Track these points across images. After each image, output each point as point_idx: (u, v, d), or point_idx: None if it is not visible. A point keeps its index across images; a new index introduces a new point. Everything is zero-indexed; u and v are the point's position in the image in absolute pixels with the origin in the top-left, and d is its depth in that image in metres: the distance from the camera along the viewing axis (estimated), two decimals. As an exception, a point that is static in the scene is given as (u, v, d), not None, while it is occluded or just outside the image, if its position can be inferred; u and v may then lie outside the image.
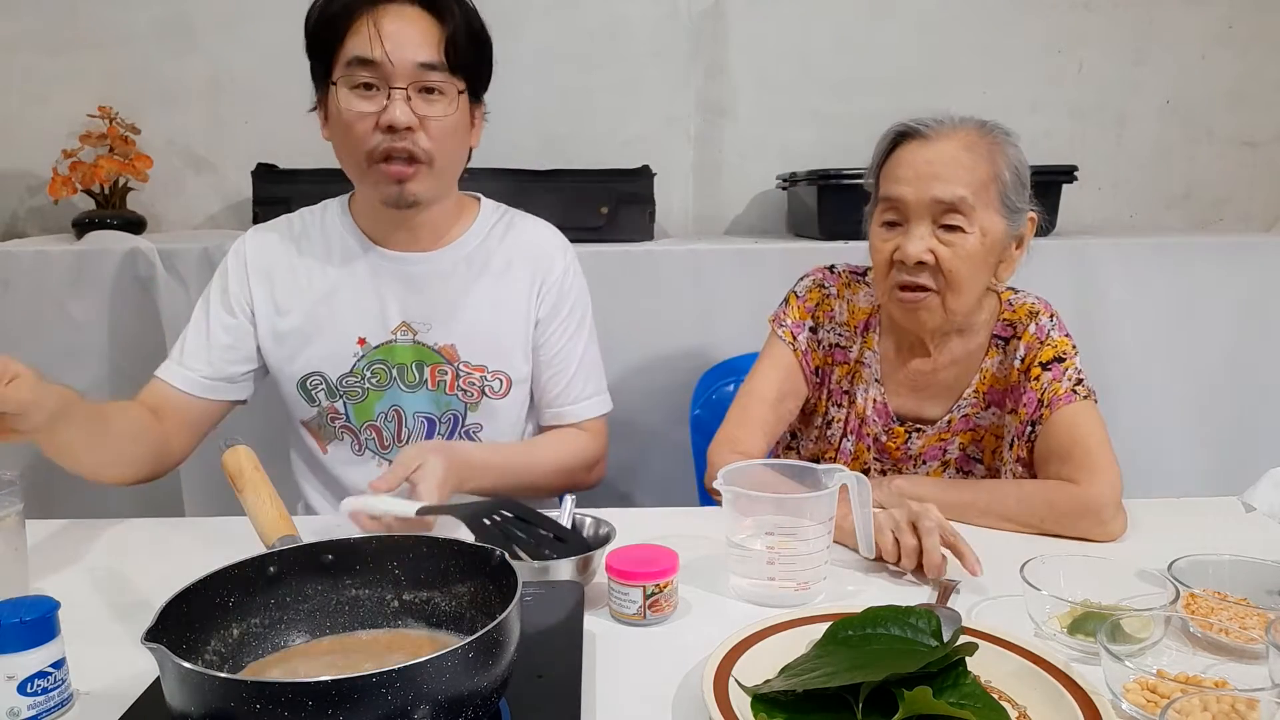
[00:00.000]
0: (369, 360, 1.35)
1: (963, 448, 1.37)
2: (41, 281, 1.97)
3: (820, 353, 1.41)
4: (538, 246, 1.41)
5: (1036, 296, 1.35)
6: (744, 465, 1.04)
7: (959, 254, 1.21)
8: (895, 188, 1.23)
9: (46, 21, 2.30)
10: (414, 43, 1.22)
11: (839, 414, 1.41)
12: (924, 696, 0.69)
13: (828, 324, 1.41)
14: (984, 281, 1.26)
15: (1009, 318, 1.33)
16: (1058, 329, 1.31)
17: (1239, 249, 2.18)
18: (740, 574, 0.99)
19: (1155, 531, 1.17)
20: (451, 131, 1.26)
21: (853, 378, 1.40)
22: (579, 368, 1.41)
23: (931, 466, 1.38)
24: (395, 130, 1.21)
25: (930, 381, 1.36)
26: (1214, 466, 2.19)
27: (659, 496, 2.06)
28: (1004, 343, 1.33)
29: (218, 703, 0.59)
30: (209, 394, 1.32)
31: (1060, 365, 1.27)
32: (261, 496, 0.83)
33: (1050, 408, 1.24)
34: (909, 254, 1.21)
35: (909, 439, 1.37)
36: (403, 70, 1.21)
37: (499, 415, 1.38)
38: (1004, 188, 1.22)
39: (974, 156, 1.21)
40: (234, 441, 0.88)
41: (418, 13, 1.23)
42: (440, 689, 0.62)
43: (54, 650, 0.75)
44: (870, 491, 1.01)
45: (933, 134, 1.23)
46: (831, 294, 1.42)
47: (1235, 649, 0.85)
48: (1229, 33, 2.49)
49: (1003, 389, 1.33)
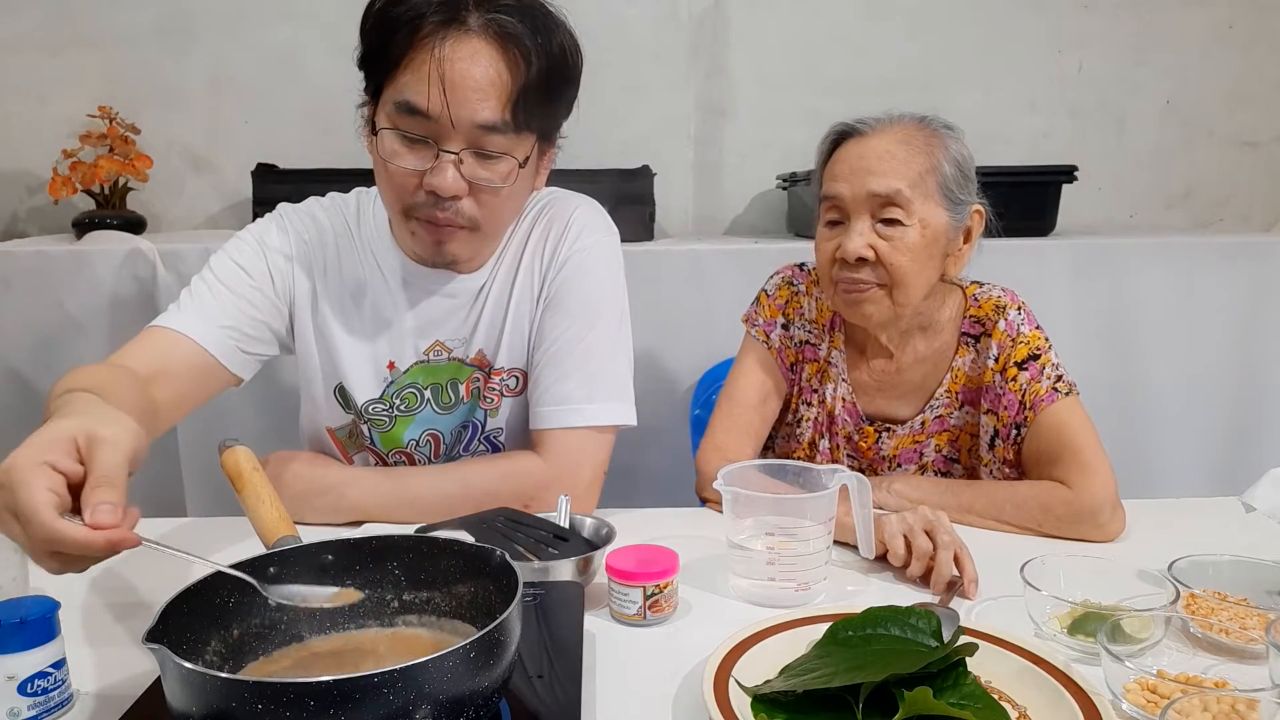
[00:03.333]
0: (398, 387, 1.25)
1: (939, 449, 1.36)
2: (41, 281, 1.96)
3: (793, 349, 1.41)
4: (557, 224, 1.26)
5: (1002, 289, 1.34)
6: (743, 465, 1.04)
7: (899, 247, 1.20)
8: (833, 186, 1.24)
9: (46, 21, 2.30)
10: (478, 96, 1.03)
11: (809, 412, 1.41)
12: (924, 697, 0.69)
13: (798, 320, 1.41)
14: (930, 276, 1.25)
15: (976, 314, 1.32)
16: (1027, 322, 1.29)
17: (1239, 249, 2.17)
18: (740, 574, 0.99)
19: (1155, 531, 1.17)
20: (507, 198, 1.12)
21: (821, 376, 1.40)
22: (575, 365, 1.21)
23: (908, 469, 1.37)
24: (441, 197, 1.08)
25: (896, 381, 1.36)
26: (1214, 466, 2.19)
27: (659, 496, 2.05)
28: (974, 340, 1.32)
29: (220, 703, 0.59)
30: (225, 357, 1.16)
31: (1037, 363, 1.26)
32: (261, 497, 0.83)
33: (1034, 410, 1.24)
34: (848, 250, 1.21)
35: (879, 439, 1.37)
36: (460, 130, 1.04)
37: (516, 415, 1.28)
38: (944, 179, 1.21)
39: (910, 149, 1.21)
40: (233, 442, 0.88)
41: (493, 51, 1.04)
42: (442, 689, 0.62)
43: (54, 650, 0.75)
44: (870, 492, 1.01)
45: (870, 131, 1.24)
46: (800, 291, 1.41)
47: (1235, 649, 0.85)
48: (1229, 33, 2.49)
49: (976, 388, 1.32)
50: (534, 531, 1.01)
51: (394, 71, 1.05)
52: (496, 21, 1.04)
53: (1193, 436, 2.19)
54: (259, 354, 1.22)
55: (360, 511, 1.17)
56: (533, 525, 1.03)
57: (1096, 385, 2.31)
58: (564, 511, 1.06)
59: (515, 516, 1.04)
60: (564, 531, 1.03)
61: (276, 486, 0.88)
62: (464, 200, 1.09)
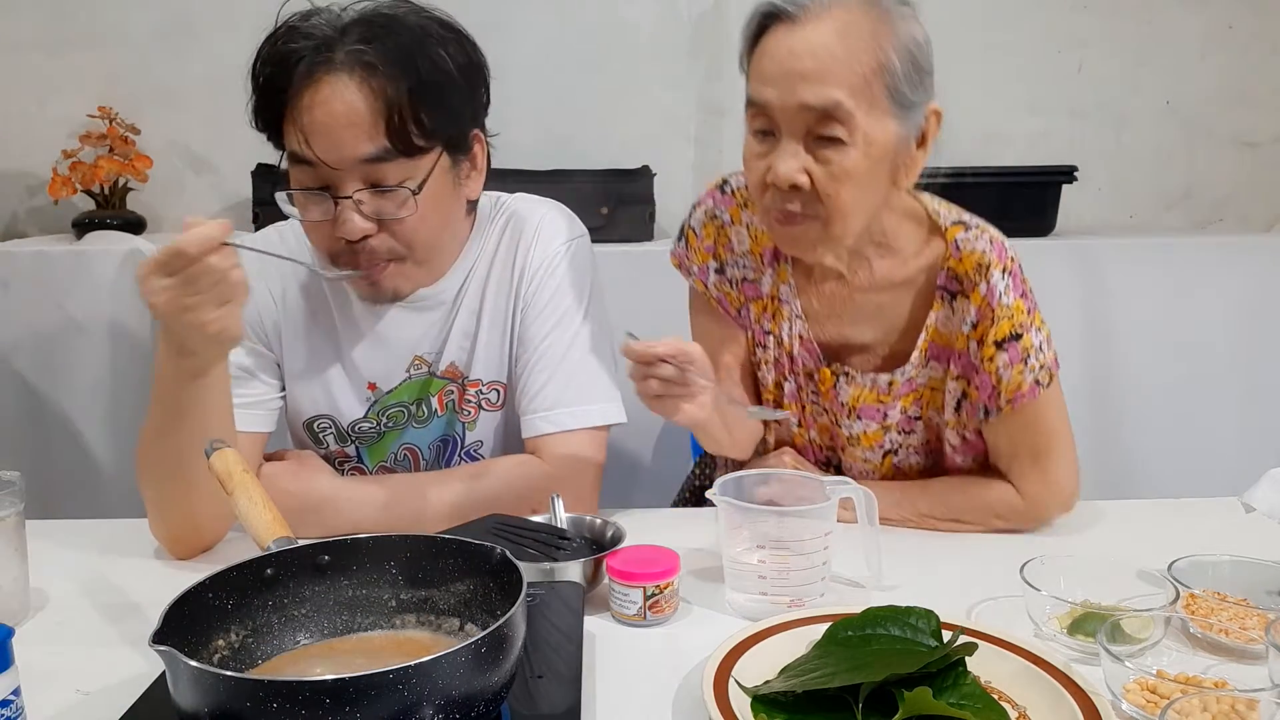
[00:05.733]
0: (382, 406, 1.24)
1: (904, 410, 1.23)
2: (41, 281, 1.97)
3: (734, 292, 1.25)
4: (526, 230, 1.24)
5: (990, 238, 1.14)
6: (741, 475, 1.01)
7: (836, 173, 1.02)
8: (760, 89, 1.03)
9: (46, 21, 2.30)
10: (353, 133, 1.02)
11: (766, 355, 1.26)
12: (924, 697, 0.69)
13: (730, 259, 1.24)
14: (875, 199, 1.08)
15: (955, 269, 1.14)
16: (1012, 289, 1.12)
17: (1239, 249, 2.18)
18: (734, 588, 0.97)
19: (1155, 531, 1.17)
20: (422, 221, 1.09)
21: (772, 315, 1.24)
22: (560, 369, 1.20)
23: (869, 426, 1.24)
24: (352, 241, 1.06)
25: (850, 306, 1.20)
26: (1214, 466, 2.19)
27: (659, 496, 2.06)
28: (950, 297, 1.16)
29: (233, 703, 0.60)
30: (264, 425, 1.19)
31: (1018, 345, 1.11)
32: (253, 499, 0.82)
33: (1012, 404, 1.13)
34: (779, 176, 1.03)
35: (837, 384, 1.23)
36: (346, 171, 1.03)
37: (498, 429, 1.27)
38: (894, 80, 1.01)
39: (851, 44, 0.99)
40: (220, 444, 0.87)
41: (355, 85, 1.02)
42: (455, 685, 0.63)
43: (9, 680, 0.69)
44: (877, 508, 0.96)
45: (803, 15, 1.01)
46: (727, 222, 1.23)
47: (1235, 649, 0.85)
48: (1229, 33, 2.49)
49: (945, 345, 1.18)
50: (535, 534, 1.01)
51: (281, 127, 1.07)
52: (356, 53, 1.03)
53: (1192, 436, 2.19)
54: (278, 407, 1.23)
55: (354, 527, 1.10)
56: (530, 528, 1.02)
57: (1096, 385, 2.31)
58: (558, 511, 1.05)
59: (509, 521, 1.03)
60: (564, 531, 1.03)
61: None
62: (376, 238, 1.08)
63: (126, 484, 1.05)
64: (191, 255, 0.87)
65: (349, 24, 1.06)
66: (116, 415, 2.03)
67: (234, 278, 0.90)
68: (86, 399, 2.02)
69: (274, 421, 1.22)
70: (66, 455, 2.04)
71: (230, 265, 0.90)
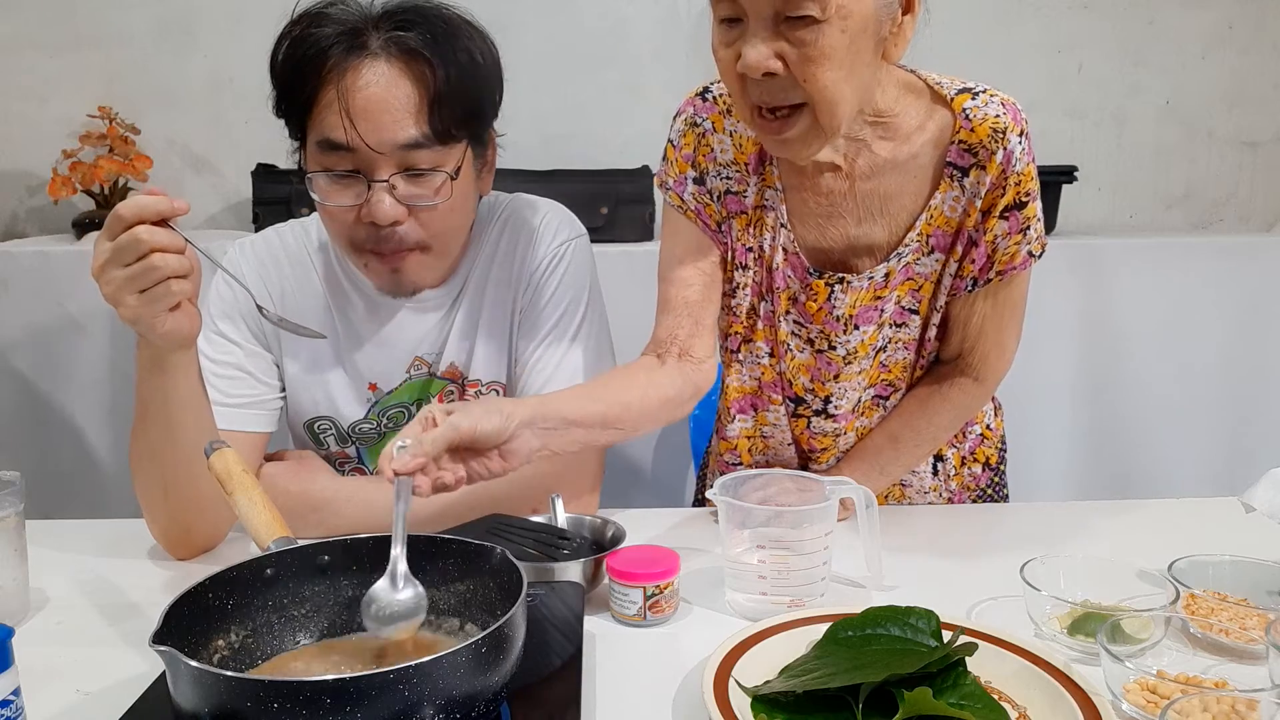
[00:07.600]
0: (383, 407, 1.24)
1: (899, 300, 1.13)
2: (41, 281, 1.97)
3: (714, 205, 1.16)
4: (526, 230, 1.24)
5: (1001, 100, 1.07)
6: (742, 475, 1.00)
7: (812, 55, 0.92)
8: None
9: (46, 21, 2.30)
10: (394, 118, 1.03)
11: (744, 278, 1.16)
12: (924, 697, 0.69)
13: (712, 168, 1.15)
14: (861, 79, 0.98)
15: (968, 140, 1.05)
16: (1025, 153, 1.05)
17: (1239, 249, 2.18)
18: (734, 588, 0.96)
19: (1155, 531, 1.17)
20: (449, 211, 1.10)
21: (756, 227, 1.14)
22: (560, 369, 1.20)
23: (867, 331, 1.14)
24: (381, 226, 1.07)
25: (855, 199, 1.09)
26: (1214, 466, 2.19)
27: (659, 497, 2.06)
28: (962, 174, 1.06)
29: (233, 703, 0.60)
30: (264, 425, 1.18)
31: (1021, 214, 1.04)
32: (253, 499, 0.82)
33: (1002, 276, 1.07)
34: (749, 64, 0.93)
35: (832, 295, 1.12)
36: (385, 155, 1.04)
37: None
38: None
39: None
40: (219, 445, 0.87)
41: (396, 71, 1.04)
42: (455, 685, 0.63)
43: (9, 680, 0.69)
44: (877, 509, 0.95)
45: None
46: (708, 129, 1.14)
47: (1235, 649, 0.85)
48: (1229, 33, 2.49)
49: (953, 231, 1.09)
50: (535, 534, 1.01)
51: (310, 112, 1.06)
52: (396, 39, 1.04)
53: (1192, 437, 2.19)
54: (278, 409, 1.23)
55: (354, 527, 1.10)
56: (530, 528, 1.02)
57: (1096, 385, 2.32)
58: (558, 511, 1.05)
59: (509, 521, 1.03)
60: (564, 531, 1.03)
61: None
62: (405, 224, 1.09)
63: (126, 484, 1.05)
64: (125, 219, 0.87)
65: (383, 12, 1.07)
66: (116, 415, 2.03)
67: (169, 264, 0.88)
68: (86, 399, 2.02)
69: (274, 422, 1.22)
70: (66, 455, 2.04)
71: (165, 247, 0.88)
